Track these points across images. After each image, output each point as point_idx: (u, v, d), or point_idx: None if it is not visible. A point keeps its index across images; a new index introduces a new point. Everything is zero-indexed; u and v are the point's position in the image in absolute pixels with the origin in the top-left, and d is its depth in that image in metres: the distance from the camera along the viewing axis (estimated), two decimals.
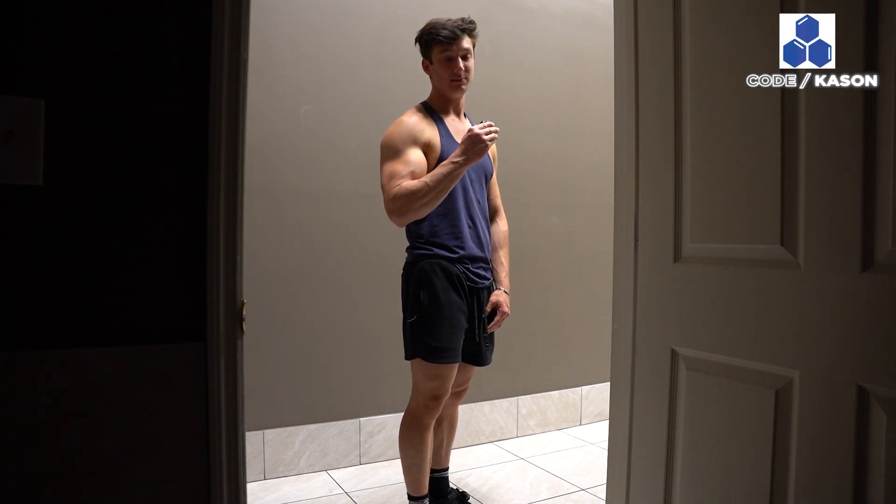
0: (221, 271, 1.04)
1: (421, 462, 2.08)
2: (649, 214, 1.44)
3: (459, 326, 2.02)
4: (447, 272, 2.00)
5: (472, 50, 2.05)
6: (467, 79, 2.04)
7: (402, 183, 1.89)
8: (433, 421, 2.09)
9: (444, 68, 2.01)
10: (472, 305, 2.08)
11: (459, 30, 1.99)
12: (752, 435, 1.21)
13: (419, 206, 1.88)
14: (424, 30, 2.04)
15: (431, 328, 1.98)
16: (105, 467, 0.98)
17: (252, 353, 2.44)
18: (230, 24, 1.04)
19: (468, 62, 2.03)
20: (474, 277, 2.07)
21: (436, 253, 2.01)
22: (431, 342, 1.98)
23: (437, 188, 1.87)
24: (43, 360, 0.94)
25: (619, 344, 1.52)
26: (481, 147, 1.86)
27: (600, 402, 3.51)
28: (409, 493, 2.14)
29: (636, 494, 1.46)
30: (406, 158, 1.93)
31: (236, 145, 1.06)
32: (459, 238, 2.03)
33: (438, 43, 1.99)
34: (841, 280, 1.06)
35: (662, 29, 1.39)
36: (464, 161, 1.87)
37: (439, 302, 1.98)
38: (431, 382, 2.02)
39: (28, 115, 0.93)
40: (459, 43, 1.99)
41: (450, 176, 1.88)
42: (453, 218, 2.02)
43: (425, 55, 2.06)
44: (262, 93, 2.58)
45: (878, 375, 1.01)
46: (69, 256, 0.96)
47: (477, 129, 1.86)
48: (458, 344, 2.02)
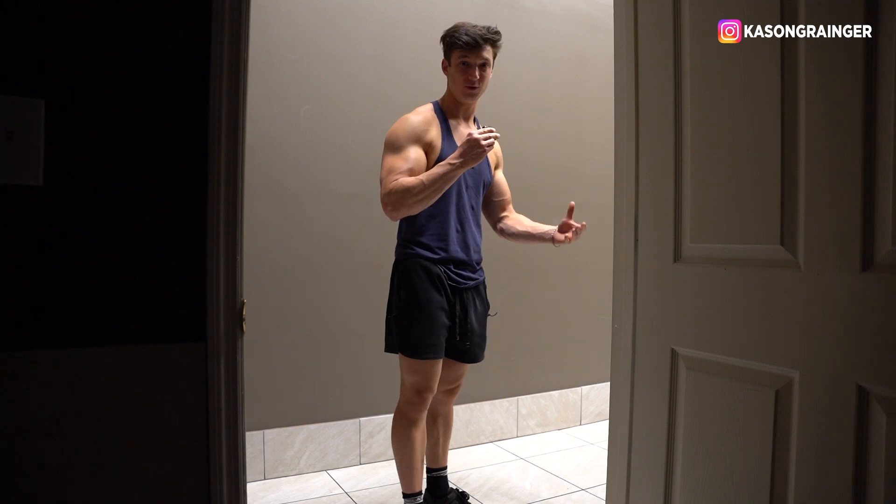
0: (221, 271, 1.04)
1: (410, 459, 2.11)
2: (649, 214, 1.44)
3: (439, 324, 2.05)
4: (428, 271, 2.05)
5: (491, 61, 2.07)
6: (481, 88, 2.07)
7: (400, 178, 1.93)
8: (420, 416, 2.11)
9: (459, 73, 2.04)
10: (455, 304, 2.11)
11: (482, 38, 2.01)
12: (752, 435, 1.21)
13: (413, 202, 1.92)
14: (449, 31, 2.06)
15: (410, 324, 2.04)
16: (105, 467, 0.98)
17: (252, 353, 2.44)
18: (230, 24, 1.04)
19: (485, 72, 2.05)
20: (456, 278, 2.11)
21: (418, 252, 2.06)
22: (410, 338, 2.03)
23: (431, 187, 1.91)
24: (42, 360, 0.94)
25: (619, 344, 1.52)
26: (479, 151, 1.88)
27: (600, 402, 3.51)
28: (402, 490, 2.17)
29: (636, 494, 1.46)
30: (406, 155, 1.97)
31: (236, 145, 1.06)
32: (444, 241, 2.07)
33: (459, 48, 2.02)
34: (841, 280, 1.06)
35: (662, 29, 1.39)
36: (460, 164, 1.90)
37: (419, 299, 2.03)
38: (413, 377, 2.07)
39: (28, 115, 0.93)
40: (479, 51, 2.01)
41: (445, 177, 1.91)
42: (441, 220, 2.06)
43: (446, 56, 2.09)
44: (262, 93, 2.58)
45: (878, 375, 1.01)
46: (69, 256, 0.96)
47: (476, 134, 1.88)
48: (437, 340, 2.05)
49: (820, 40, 1.09)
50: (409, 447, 2.10)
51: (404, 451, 2.11)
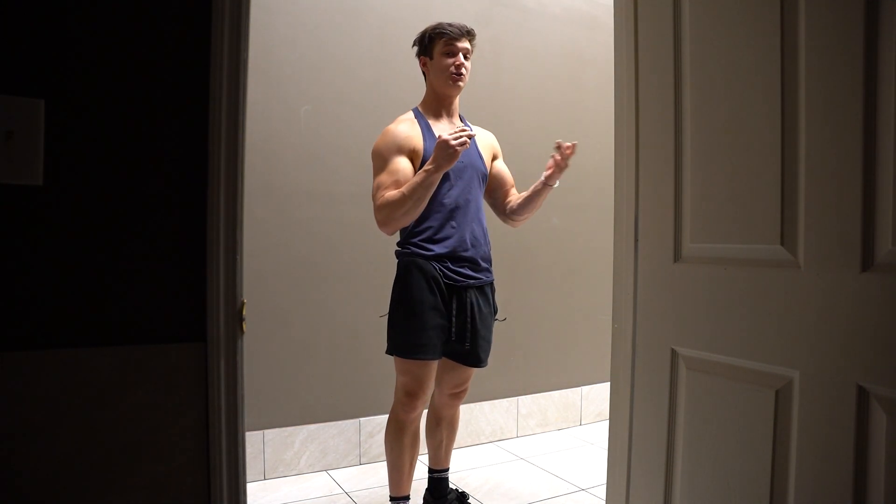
0: (221, 271, 1.04)
1: (398, 462, 2.11)
2: (649, 214, 1.44)
3: (430, 324, 2.03)
4: (422, 270, 2.04)
5: (471, 53, 2.14)
6: (464, 77, 2.10)
7: (385, 194, 1.97)
8: (411, 420, 2.10)
9: (445, 60, 2.07)
10: (451, 303, 2.08)
11: (464, 31, 2.10)
12: (752, 435, 1.21)
13: (400, 214, 1.96)
14: (428, 28, 2.11)
15: (402, 324, 2.05)
16: (105, 467, 0.98)
17: (252, 353, 2.44)
18: (230, 24, 1.04)
19: (467, 62, 2.11)
20: (454, 276, 2.08)
21: (413, 251, 2.06)
22: (402, 338, 2.04)
23: (412, 197, 1.93)
24: (43, 360, 0.94)
25: (619, 344, 1.52)
26: (451, 152, 1.88)
27: (600, 402, 3.51)
28: (390, 493, 2.17)
29: (636, 494, 1.46)
30: (391, 168, 2.00)
31: (236, 145, 1.06)
32: (438, 238, 2.06)
33: (444, 37, 2.07)
34: (841, 280, 1.06)
35: (662, 29, 1.39)
36: (435, 168, 1.91)
37: (410, 299, 2.03)
38: (403, 377, 2.07)
39: (28, 115, 0.93)
40: (462, 41, 2.09)
41: (423, 184, 1.92)
42: (434, 219, 2.06)
43: (426, 52, 2.11)
44: (262, 93, 2.58)
45: (878, 375, 1.01)
46: (69, 256, 0.96)
47: (446, 136, 1.89)
48: (430, 341, 2.03)
49: (820, 40, 1.09)
50: (399, 450, 2.10)
51: (393, 454, 2.12)
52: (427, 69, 2.12)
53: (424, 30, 2.12)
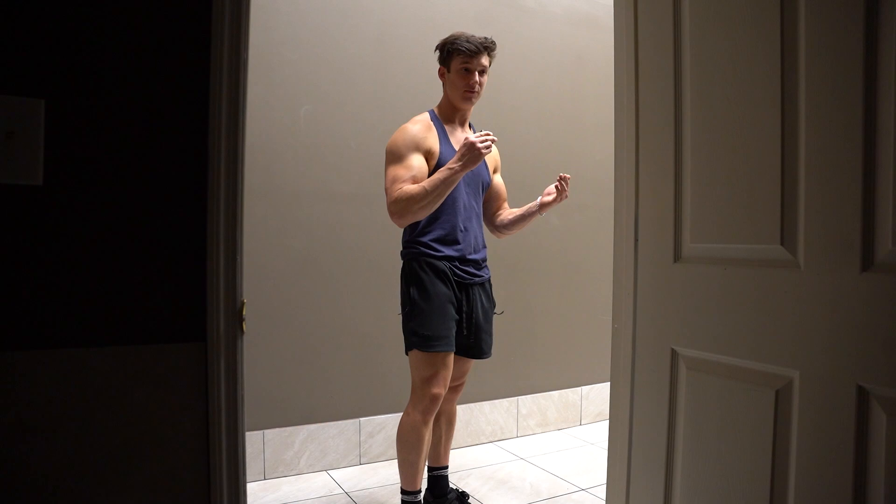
0: (221, 271, 1.04)
1: (416, 459, 2.11)
2: (649, 214, 1.44)
3: (449, 316, 2.09)
4: (433, 267, 2.09)
5: (488, 68, 2.16)
6: (479, 93, 2.15)
7: (403, 187, 1.99)
8: (431, 418, 2.11)
9: (460, 78, 2.11)
10: (462, 298, 2.15)
11: (482, 46, 2.11)
12: (752, 435, 1.21)
13: (417, 208, 1.99)
14: (448, 40, 2.14)
15: (422, 318, 2.06)
16: (105, 467, 0.98)
17: (252, 353, 2.44)
18: (230, 24, 1.04)
19: (482, 78, 2.15)
20: (462, 274, 2.14)
21: (422, 251, 2.10)
22: (423, 331, 2.06)
23: (433, 192, 1.97)
24: (43, 360, 0.94)
25: (619, 344, 1.52)
26: (476, 154, 1.93)
27: (600, 402, 3.51)
28: (403, 486, 2.17)
29: (636, 494, 1.46)
30: (408, 163, 2.03)
31: (236, 145, 1.06)
32: (449, 241, 2.11)
33: (461, 54, 2.09)
34: (841, 280, 1.06)
35: (662, 29, 1.39)
36: (460, 167, 1.95)
37: (428, 293, 2.07)
38: (427, 371, 2.07)
39: (28, 115, 0.93)
40: (479, 58, 2.11)
41: (446, 181, 1.96)
42: (444, 222, 2.11)
43: (444, 63, 2.16)
44: (262, 93, 2.58)
45: (878, 375, 1.01)
46: (69, 256, 0.96)
47: (473, 138, 1.94)
48: (449, 333, 2.08)
49: (820, 40, 1.09)
50: (418, 448, 2.10)
51: (412, 454, 2.10)
52: (444, 80, 2.17)
53: (445, 40, 2.14)
